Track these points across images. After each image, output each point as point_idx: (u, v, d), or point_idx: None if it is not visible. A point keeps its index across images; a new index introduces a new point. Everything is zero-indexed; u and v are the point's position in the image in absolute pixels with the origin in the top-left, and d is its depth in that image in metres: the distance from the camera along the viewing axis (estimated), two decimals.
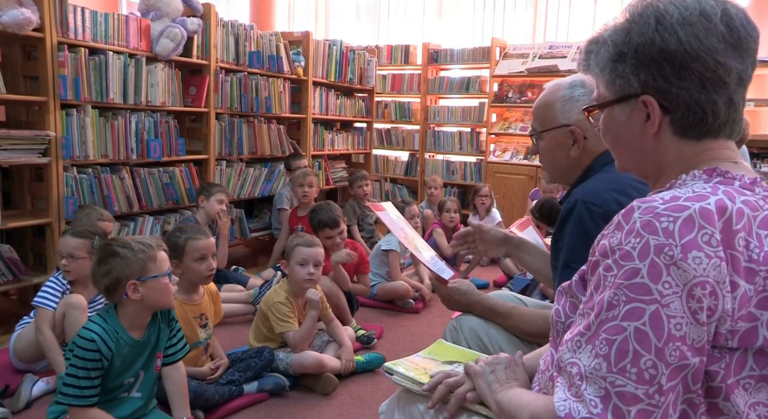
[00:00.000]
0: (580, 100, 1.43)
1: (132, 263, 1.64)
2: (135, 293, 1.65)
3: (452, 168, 6.26)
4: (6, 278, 2.78)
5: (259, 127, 4.19)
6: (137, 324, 1.72)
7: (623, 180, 1.36)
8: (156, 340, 1.78)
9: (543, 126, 1.49)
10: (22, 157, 2.76)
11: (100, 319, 1.67)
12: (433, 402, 1.07)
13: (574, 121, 1.43)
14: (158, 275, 1.69)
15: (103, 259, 1.66)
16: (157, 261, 1.70)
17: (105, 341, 1.62)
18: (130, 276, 1.64)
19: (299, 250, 2.45)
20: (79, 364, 1.59)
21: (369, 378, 2.50)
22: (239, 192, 4.10)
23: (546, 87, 1.54)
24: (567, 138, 1.45)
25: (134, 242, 1.68)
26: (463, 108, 6.19)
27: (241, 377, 2.22)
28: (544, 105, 1.49)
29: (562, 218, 1.39)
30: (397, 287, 3.40)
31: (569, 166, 1.49)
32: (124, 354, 1.68)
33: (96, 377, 1.62)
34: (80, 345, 1.60)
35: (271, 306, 2.38)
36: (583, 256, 1.30)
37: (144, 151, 3.34)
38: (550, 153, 1.50)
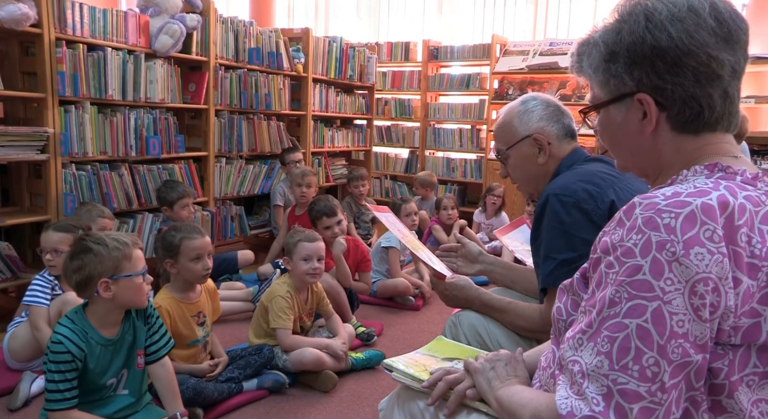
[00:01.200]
0: (535, 110, 1.55)
1: (105, 260, 1.60)
2: (106, 291, 1.61)
3: (452, 165, 6.25)
4: (4, 275, 2.77)
5: (258, 124, 4.18)
6: (109, 323, 1.68)
7: (590, 172, 1.43)
8: (133, 338, 1.75)
9: (507, 143, 1.59)
10: (20, 154, 2.75)
11: (67, 321, 1.64)
12: (433, 399, 1.06)
13: (534, 130, 1.54)
14: (132, 274, 1.65)
15: (75, 255, 1.62)
16: (132, 260, 1.65)
17: (74, 342, 1.59)
18: (102, 274, 1.60)
19: (302, 246, 2.44)
20: (53, 368, 1.57)
21: (369, 376, 2.49)
22: (239, 189, 4.09)
23: (500, 112, 1.65)
24: (532, 147, 1.55)
25: (109, 239, 1.64)
26: (463, 105, 6.18)
27: (240, 374, 2.22)
28: (502, 125, 1.60)
29: (537, 216, 1.44)
30: (397, 284, 3.39)
31: (539, 174, 1.57)
32: (98, 354, 1.65)
33: (73, 378, 1.60)
34: (52, 350, 1.58)
35: (272, 300, 2.38)
36: (560, 246, 1.33)
37: (143, 147, 3.33)
38: (520, 166, 1.59)
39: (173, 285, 2.14)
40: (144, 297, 1.70)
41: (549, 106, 1.55)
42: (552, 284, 1.33)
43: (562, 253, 1.31)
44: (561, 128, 1.53)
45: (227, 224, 4.01)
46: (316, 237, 2.51)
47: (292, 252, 2.47)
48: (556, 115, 1.54)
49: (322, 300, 2.59)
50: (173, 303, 2.08)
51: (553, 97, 1.61)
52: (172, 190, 3.26)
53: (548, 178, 1.52)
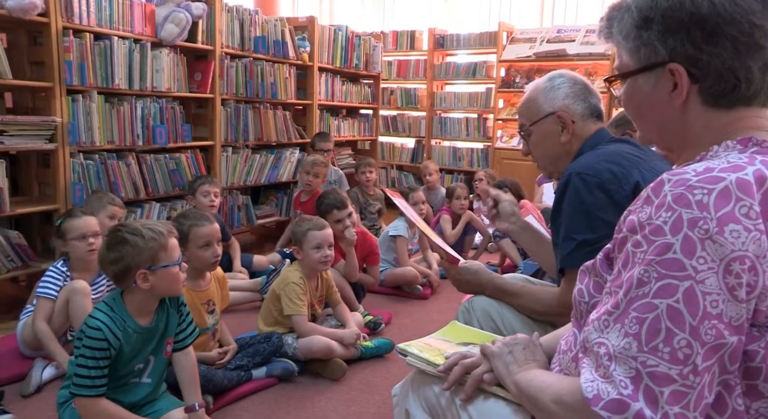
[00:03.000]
0: (561, 87, 1.52)
1: (143, 252, 1.59)
2: (144, 282, 1.60)
3: (459, 154, 6.22)
4: (15, 264, 2.78)
5: (264, 113, 4.17)
6: (145, 311, 1.69)
7: (614, 152, 1.41)
8: (165, 326, 1.75)
9: (531, 119, 1.57)
10: (29, 143, 2.75)
11: (106, 307, 1.63)
12: (449, 384, 1.05)
13: (558, 107, 1.51)
14: (169, 264, 1.64)
15: (112, 246, 1.60)
16: (168, 250, 1.65)
17: (112, 330, 1.59)
18: (141, 266, 1.59)
19: (312, 235, 2.43)
20: (88, 354, 1.56)
21: (378, 364, 2.49)
22: (245, 178, 4.08)
23: (527, 87, 1.63)
24: (555, 125, 1.52)
25: (145, 229, 1.62)
26: (469, 94, 6.14)
27: (249, 362, 2.22)
28: (527, 101, 1.58)
29: (558, 195, 1.42)
30: (405, 273, 3.38)
31: (561, 153, 1.54)
32: (133, 342, 1.65)
33: (105, 366, 1.59)
34: (88, 335, 1.57)
35: (285, 287, 2.37)
36: (581, 226, 1.32)
37: (150, 137, 3.32)
38: (542, 144, 1.57)
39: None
40: (180, 286, 1.70)
41: (576, 83, 1.52)
42: (570, 265, 1.32)
43: (582, 234, 1.30)
44: (587, 107, 1.51)
45: (234, 213, 4.01)
46: (324, 224, 2.50)
47: (301, 242, 2.46)
48: (583, 93, 1.52)
49: (331, 288, 2.58)
50: (183, 291, 2.07)
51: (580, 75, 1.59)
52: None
53: (570, 157, 1.49)
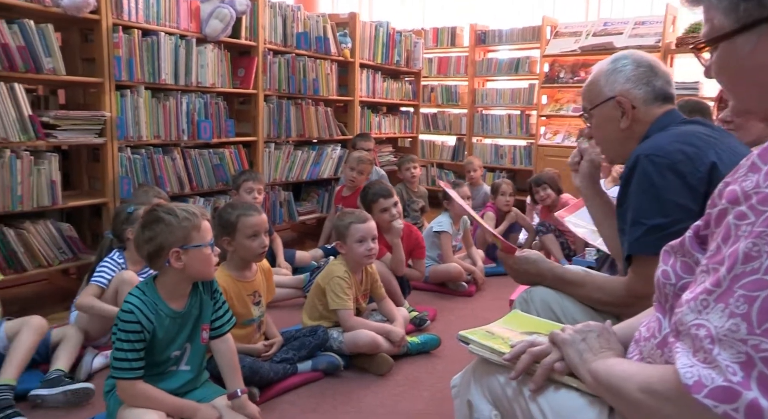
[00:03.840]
0: (623, 70, 1.44)
1: (176, 230, 1.60)
2: (177, 261, 1.61)
3: (501, 152, 6.11)
4: (66, 256, 2.83)
5: (306, 109, 4.16)
6: (177, 295, 1.68)
7: (687, 132, 1.32)
8: (199, 312, 1.74)
9: (592, 103, 1.51)
10: (80, 138, 2.79)
11: (138, 291, 1.65)
12: (517, 373, 0.99)
13: (618, 92, 1.44)
14: (201, 244, 1.64)
15: (147, 225, 1.62)
16: (201, 231, 1.65)
17: (144, 313, 1.60)
18: (174, 244, 1.60)
19: (355, 228, 2.39)
20: (123, 337, 1.57)
21: (424, 360, 2.44)
22: (287, 174, 4.08)
23: (592, 68, 1.56)
24: (615, 110, 1.45)
25: (179, 209, 1.63)
26: (512, 90, 6.03)
27: (295, 355, 2.19)
28: (590, 83, 1.52)
29: (624, 179, 1.34)
30: (449, 269, 3.32)
31: (623, 138, 1.46)
32: (166, 326, 1.65)
33: (141, 349, 1.60)
34: (121, 319, 1.59)
35: (330, 281, 2.34)
36: (651, 211, 1.23)
37: (194, 132, 3.34)
38: (602, 128, 1.50)
39: (230, 264, 2.12)
40: (212, 269, 1.69)
41: (640, 66, 1.44)
42: (639, 251, 1.24)
43: (652, 218, 1.22)
44: (650, 91, 1.43)
45: (276, 209, 4.01)
46: (367, 217, 2.46)
47: (344, 236, 2.42)
48: (647, 76, 1.43)
49: (376, 282, 2.54)
50: (230, 282, 2.07)
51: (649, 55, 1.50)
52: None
53: (634, 142, 1.41)
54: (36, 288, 3.21)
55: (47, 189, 2.69)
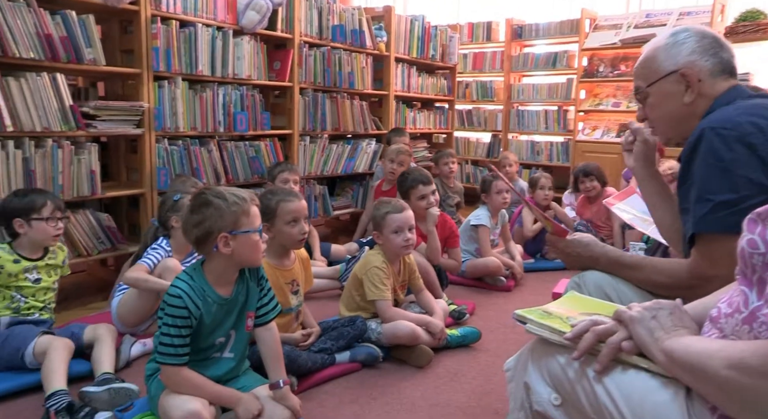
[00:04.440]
0: (686, 42, 1.36)
1: (225, 215, 1.56)
2: (225, 247, 1.57)
3: (537, 148, 5.99)
4: (105, 246, 2.84)
5: (342, 102, 4.13)
6: (224, 281, 1.65)
7: (756, 105, 1.24)
8: (245, 299, 1.70)
9: (648, 80, 1.42)
10: (119, 128, 2.81)
11: (186, 276, 1.61)
12: (580, 353, 0.92)
13: (682, 64, 1.35)
14: (250, 230, 1.60)
15: (196, 209, 1.58)
16: (250, 216, 1.61)
17: (192, 298, 1.56)
18: (222, 229, 1.56)
19: (391, 218, 2.34)
20: (170, 322, 1.54)
21: (464, 353, 2.37)
22: (322, 168, 4.05)
23: (643, 48, 1.47)
24: (678, 84, 1.36)
25: (228, 193, 1.60)
26: (549, 85, 5.91)
27: (333, 345, 2.14)
28: (645, 61, 1.43)
29: (686, 154, 1.25)
30: (487, 263, 3.24)
31: (685, 115, 1.37)
32: (213, 312, 1.62)
33: (187, 335, 1.57)
34: (169, 303, 1.55)
35: (368, 271, 2.29)
36: (718, 186, 1.14)
37: (231, 124, 3.34)
38: (661, 106, 1.41)
39: (268, 251, 2.08)
40: (260, 256, 1.65)
41: (704, 37, 1.35)
42: (706, 229, 1.16)
43: (720, 194, 1.13)
44: (716, 63, 1.33)
45: (311, 204, 3.98)
46: (404, 207, 2.40)
47: (381, 226, 2.37)
48: (713, 47, 1.34)
49: (414, 273, 2.48)
50: (268, 269, 2.02)
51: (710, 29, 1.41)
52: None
53: (696, 119, 1.32)
54: (75, 279, 3.24)
55: (87, 179, 2.71)
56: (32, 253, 2.14)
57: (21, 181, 2.49)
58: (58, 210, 2.14)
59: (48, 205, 2.11)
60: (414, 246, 2.41)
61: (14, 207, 2.09)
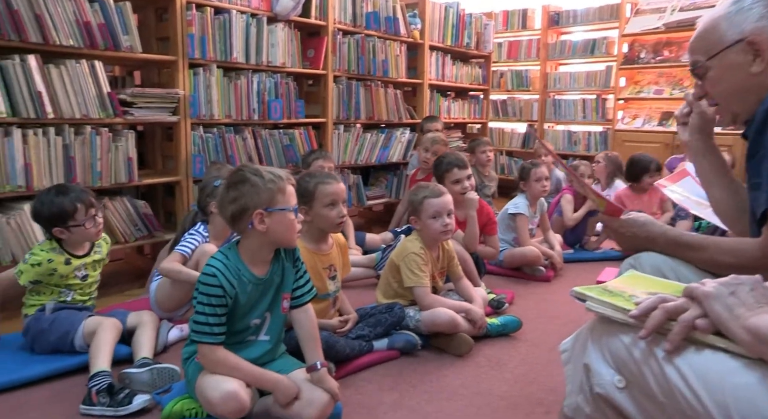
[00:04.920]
0: (753, 8, 1.23)
1: (261, 192, 1.53)
2: (261, 224, 1.54)
3: (574, 138, 5.85)
4: (142, 233, 2.85)
5: (376, 90, 4.08)
6: (259, 261, 1.62)
7: None
8: (281, 280, 1.67)
9: (708, 53, 1.30)
10: (155, 115, 2.81)
11: (221, 255, 1.59)
12: (647, 331, 0.85)
13: (749, 32, 1.22)
14: (285, 208, 1.57)
15: (232, 185, 1.56)
16: (286, 194, 1.58)
17: (227, 277, 1.54)
18: (258, 206, 1.53)
19: (429, 203, 2.28)
20: (205, 301, 1.52)
21: (504, 342, 2.30)
22: (356, 158, 4.01)
23: (700, 21, 1.35)
24: (744, 54, 1.24)
25: (265, 171, 1.57)
26: (587, 73, 5.76)
27: (370, 332, 2.10)
28: (703, 32, 1.32)
29: (758, 126, 1.15)
30: (526, 252, 3.15)
31: (754, 86, 1.24)
32: (248, 292, 1.59)
33: (222, 314, 1.54)
34: (203, 282, 1.53)
35: (405, 257, 2.24)
36: None
37: (265, 112, 3.32)
38: (726, 79, 1.29)
39: (306, 235, 2.05)
40: (295, 236, 1.62)
41: None
42: None
43: None
44: None
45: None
46: (442, 191, 2.34)
47: (419, 211, 2.31)
48: None
49: (453, 260, 2.42)
50: (306, 254, 1.99)
51: None
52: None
53: (764, 90, 1.22)
54: (113, 267, 3.26)
55: (124, 166, 2.72)
56: (79, 250, 2.10)
57: (62, 168, 2.50)
58: (90, 207, 2.02)
59: (79, 208, 1.98)
60: (452, 231, 2.34)
61: (47, 216, 1.98)
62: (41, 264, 1.98)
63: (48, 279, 2.02)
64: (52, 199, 1.98)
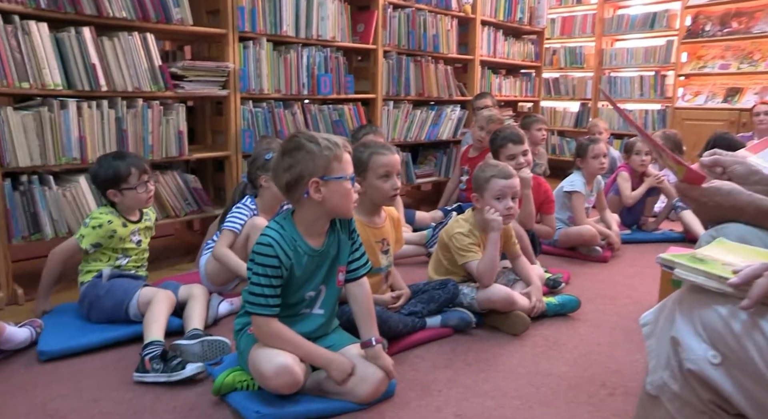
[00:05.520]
0: None
1: (317, 159, 1.47)
2: (317, 193, 1.49)
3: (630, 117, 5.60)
4: (192, 207, 2.86)
5: (426, 66, 3.98)
6: (315, 232, 1.57)
7: None
8: (337, 252, 1.62)
9: None
10: (205, 89, 2.80)
11: (276, 225, 1.54)
12: (751, 302, 0.76)
13: None
14: (342, 177, 1.51)
15: (288, 152, 1.50)
16: (342, 162, 1.52)
17: (282, 247, 1.49)
18: (314, 173, 1.48)
19: (495, 183, 2.17)
20: (260, 272, 1.48)
21: (562, 322, 2.21)
22: (406, 135, 3.94)
23: None
24: None
25: (321, 138, 1.51)
26: (645, 48, 5.50)
27: (423, 308, 2.04)
28: None
29: None
30: (582, 232, 3.03)
31: None
32: (304, 264, 1.54)
33: (278, 285, 1.50)
34: (259, 252, 1.48)
35: (452, 237, 2.17)
36: None
37: (314, 86, 3.27)
38: None
39: (358, 208, 1.98)
40: (352, 206, 1.56)
41: None
42: None
43: None
44: None
45: None
46: (511, 173, 2.20)
47: (483, 189, 2.20)
48: None
49: (510, 238, 2.32)
50: (358, 226, 1.91)
51: None
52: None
53: None
54: (164, 243, 3.30)
55: (175, 139, 2.72)
56: (132, 216, 2.17)
57: (114, 141, 2.52)
58: (143, 173, 2.11)
59: (133, 172, 2.07)
60: (513, 217, 2.24)
61: (103, 179, 2.08)
62: (102, 226, 2.06)
63: (107, 243, 2.08)
64: (110, 161, 2.09)
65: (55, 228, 2.39)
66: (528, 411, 1.58)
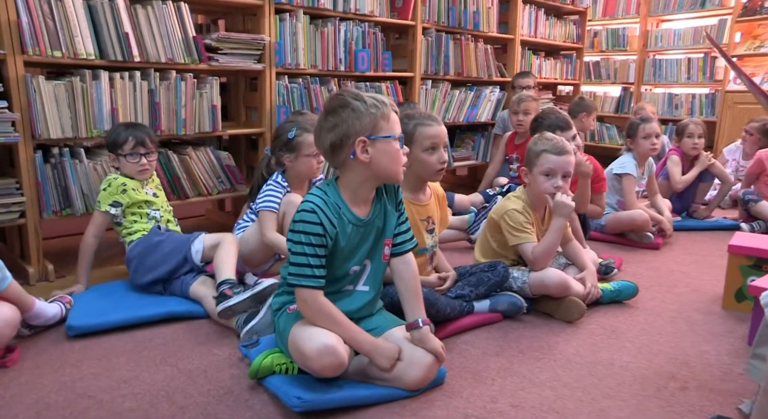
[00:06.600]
0: None
1: (363, 117, 1.36)
2: (363, 153, 1.37)
3: (675, 101, 5.37)
4: (224, 186, 2.76)
5: (466, 45, 3.82)
6: (361, 200, 1.45)
7: None
8: (383, 223, 1.50)
9: None
10: (240, 63, 2.69)
11: (320, 192, 1.42)
12: None
13: None
14: (390, 136, 1.39)
15: (332, 111, 1.38)
16: (390, 121, 1.40)
17: (326, 214, 1.37)
18: (360, 132, 1.36)
19: (546, 158, 2.02)
20: (305, 240, 1.36)
21: (619, 310, 2.06)
22: (444, 116, 3.79)
23: None
24: None
25: (367, 96, 1.39)
26: (694, 29, 5.25)
27: (471, 292, 1.90)
28: None
29: None
30: (633, 216, 2.85)
31: None
32: (349, 234, 1.42)
33: (323, 256, 1.38)
34: (302, 219, 1.36)
35: (505, 214, 2.02)
36: None
37: (351, 62, 3.14)
38: None
39: (403, 183, 1.86)
40: (401, 168, 1.43)
41: None
42: None
43: None
44: None
45: None
46: (566, 150, 2.04)
47: (533, 164, 2.06)
48: None
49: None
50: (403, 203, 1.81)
51: None
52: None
53: None
54: (196, 222, 3.23)
55: (208, 114, 2.62)
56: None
57: (147, 114, 2.43)
58: (140, 145, 2.13)
59: (129, 141, 2.11)
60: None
61: (106, 143, 2.17)
62: (111, 184, 2.11)
63: (124, 199, 2.11)
64: (117, 128, 2.18)
65: (85, 203, 2.32)
66: (591, 403, 1.44)
